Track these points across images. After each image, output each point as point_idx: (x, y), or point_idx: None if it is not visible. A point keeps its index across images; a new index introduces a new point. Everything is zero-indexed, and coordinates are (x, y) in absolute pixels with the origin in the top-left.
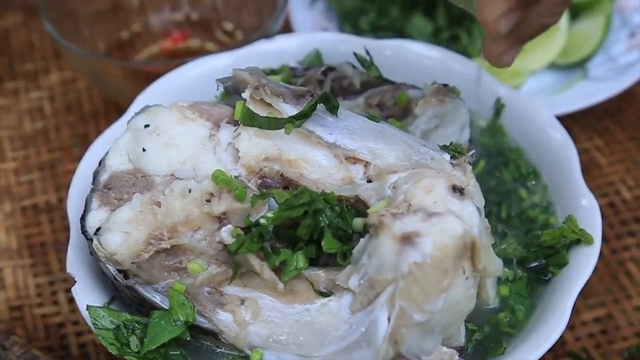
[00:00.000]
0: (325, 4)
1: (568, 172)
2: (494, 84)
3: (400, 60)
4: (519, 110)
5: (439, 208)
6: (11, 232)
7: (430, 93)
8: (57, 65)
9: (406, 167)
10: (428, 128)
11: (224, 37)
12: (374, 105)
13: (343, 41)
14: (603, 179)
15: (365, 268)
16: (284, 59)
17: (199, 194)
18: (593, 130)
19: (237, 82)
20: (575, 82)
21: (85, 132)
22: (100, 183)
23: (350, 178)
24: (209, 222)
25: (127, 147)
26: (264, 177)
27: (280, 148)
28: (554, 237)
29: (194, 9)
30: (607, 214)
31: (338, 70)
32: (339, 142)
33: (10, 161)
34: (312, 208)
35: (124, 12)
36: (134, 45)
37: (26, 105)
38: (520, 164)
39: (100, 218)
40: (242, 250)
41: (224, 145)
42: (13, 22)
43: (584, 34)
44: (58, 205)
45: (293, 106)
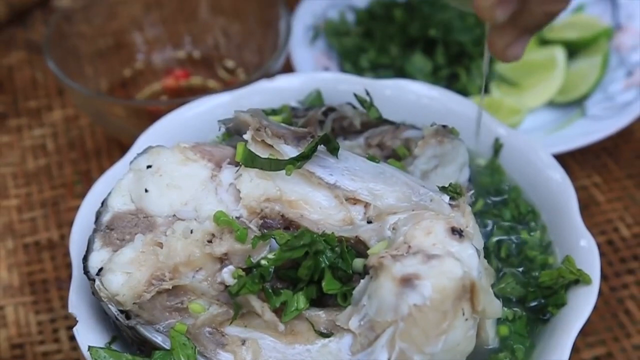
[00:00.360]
0: (325, 42)
1: (567, 213)
2: (493, 123)
3: (400, 100)
4: (517, 150)
5: (438, 250)
6: (13, 269)
7: (429, 134)
8: (60, 102)
9: (406, 208)
10: (427, 168)
11: (226, 74)
12: (374, 145)
13: (343, 81)
14: (602, 216)
15: (366, 309)
16: (285, 98)
17: (201, 235)
18: (591, 168)
19: (239, 124)
20: (574, 120)
21: (87, 169)
22: (102, 223)
23: (350, 219)
24: (211, 262)
25: (129, 187)
26: (265, 218)
27: (281, 189)
28: (552, 277)
29: (197, 47)
30: (606, 252)
31: (338, 110)
32: (339, 183)
33: (13, 198)
34: (313, 249)
35: (126, 50)
36: (136, 83)
37: (29, 142)
38: (519, 203)
39: (103, 258)
40: (244, 291)
41: (225, 185)
42: (17, 59)
43: (582, 72)
44: (60, 242)
45: (294, 147)
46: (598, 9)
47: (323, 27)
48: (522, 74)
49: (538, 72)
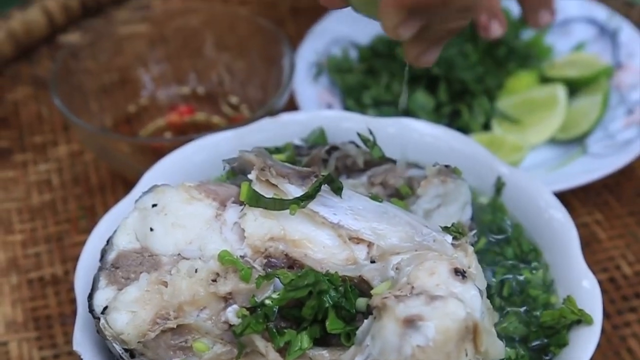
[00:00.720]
0: (328, 79)
1: (569, 252)
2: (495, 161)
3: (403, 138)
4: (519, 189)
5: (442, 291)
6: (17, 305)
7: (432, 174)
8: (66, 137)
9: (409, 249)
10: (430, 207)
11: (230, 110)
12: (377, 183)
13: (347, 119)
14: (603, 253)
15: (369, 349)
16: (288, 135)
17: (205, 274)
18: (593, 205)
19: (244, 163)
20: (575, 157)
21: (92, 205)
22: (108, 262)
23: (353, 258)
24: (215, 302)
25: (134, 226)
26: (269, 257)
27: (285, 228)
28: (554, 317)
29: (201, 83)
30: (607, 289)
31: (342, 149)
32: (342, 223)
33: (18, 233)
34: (317, 289)
35: (131, 86)
36: (141, 119)
37: (34, 177)
38: (522, 242)
39: (108, 297)
40: (248, 331)
41: (230, 224)
42: (23, 95)
43: (583, 110)
44: (64, 277)
45: (298, 187)
46: (598, 48)
47: (326, 64)
48: (524, 111)
49: (539, 110)
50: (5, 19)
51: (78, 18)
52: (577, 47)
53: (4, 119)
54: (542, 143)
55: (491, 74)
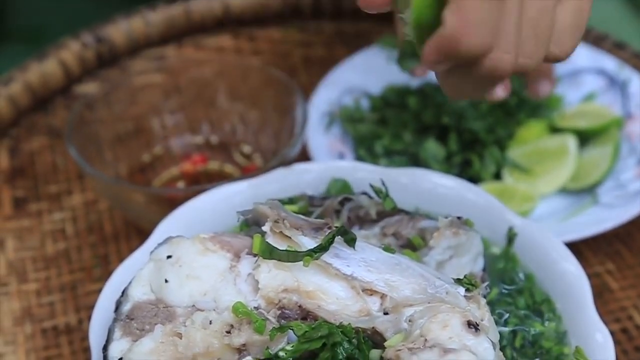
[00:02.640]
0: (340, 129)
1: (581, 305)
2: (507, 212)
3: (415, 188)
4: (531, 240)
5: (455, 344)
6: (31, 354)
7: (444, 226)
8: (80, 187)
9: (422, 301)
10: (443, 259)
11: (242, 159)
12: (390, 234)
13: (360, 169)
14: (615, 303)
15: None
16: (301, 187)
17: (220, 326)
18: (604, 254)
19: (258, 215)
20: (586, 207)
21: (105, 253)
22: (122, 313)
23: (367, 310)
24: (229, 353)
25: (149, 277)
26: (283, 308)
27: (298, 280)
28: None
29: (214, 132)
30: (620, 340)
31: (354, 200)
32: (356, 274)
33: (32, 282)
34: (331, 341)
35: (145, 136)
36: (154, 168)
37: (49, 226)
38: (534, 292)
39: (122, 348)
40: None
41: (244, 276)
42: (38, 145)
43: (593, 160)
44: (78, 326)
45: (311, 239)
46: (608, 98)
47: (338, 114)
48: (535, 161)
49: (550, 160)
50: (23, 70)
51: (93, 69)
52: (587, 98)
53: (20, 169)
54: (552, 193)
55: (501, 124)
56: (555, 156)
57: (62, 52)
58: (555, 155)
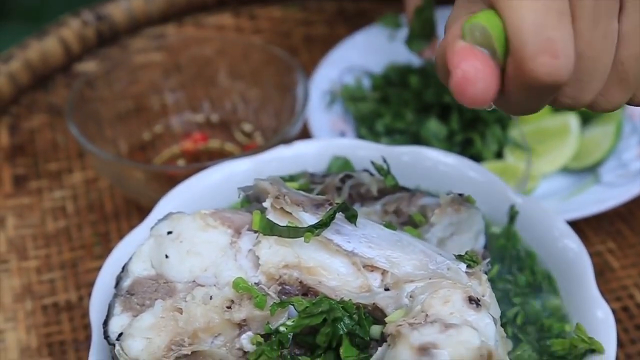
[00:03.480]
0: (342, 107)
1: (583, 282)
2: (508, 190)
3: (416, 166)
4: (533, 218)
5: (456, 319)
6: (31, 330)
7: (446, 202)
8: (81, 164)
9: (423, 277)
10: (444, 236)
11: (243, 138)
12: (391, 211)
13: (361, 147)
14: (616, 282)
15: None
16: (302, 164)
17: (220, 301)
18: (606, 234)
19: (259, 191)
20: (588, 186)
21: (106, 231)
22: (123, 289)
23: (367, 286)
24: (229, 328)
25: (150, 253)
26: (284, 284)
27: (299, 255)
28: (565, 347)
29: (215, 111)
30: (621, 318)
31: (356, 177)
32: (357, 251)
33: (33, 259)
34: (331, 316)
35: (146, 114)
36: (155, 146)
37: (49, 204)
38: (535, 270)
39: (123, 323)
40: (262, 358)
41: (244, 252)
42: (39, 123)
43: (595, 139)
44: (78, 303)
45: (312, 215)
46: None
47: (340, 93)
48: (537, 140)
49: (552, 139)
50: (23, 48)
51: (94, 47)
52: None
53: (20, 147)
54: (554, 172)
55: None
56: (557, 135)
57: (62, 30)
58: (557, 135)
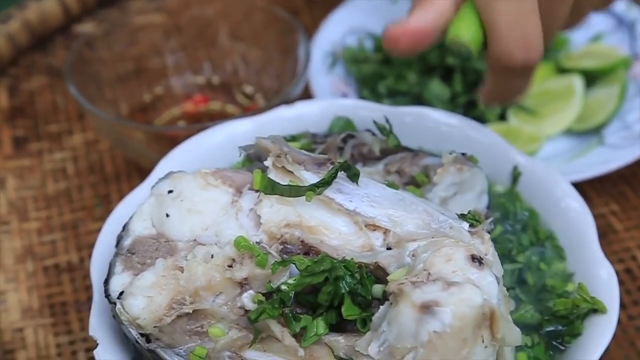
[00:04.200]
0: (343, 69)
1: (586, 241)
2: (511, 151)
3: (419, 127)
4: (536, 178)
5: (458, 277)
6: (33, 291)
7: (448, 162)
8: (81, 126)
9: (425, 236)
10: (446, 195)
11: (244, 100)
12: (393, 172)
13: (363, 107)
14: (619, 244)
15: (385, 335)
16: (304, 124)
17: (221, 260)
18: (609, 196)
19: (260, 150)
20: (591, 148)
21: (107, 193)
22: (123, 247)
23: (369, 245)
24: (231, 287)
25: (151, 212)
26: (285, 243)
27: (301, 215)
28: (566, 306)
29: (216, 72)
30: (624, 280)
31: (358, 137)
32: (359, 210)
33: (34, 221)
34: (333, 275)
35: (146, 76)
36: (156, 108)
37: (50, 165)
38: (538, 230)
39: (124, 282)
40: (263, 317)
41: (245, 211)
42: (38, 84)
43: (600, 101)
44: (79, 265)
45: (314, 174)
46: (616, 39)
47: (342, 54)
48: (540, 102)
49: (556, 101)
50: (21, 8)
51: (93, 8)
52: (595, 38)
53: (19, 108)
54: (558, 134)
55: None
56: (561, 97)
57: None
58: (561, 96)
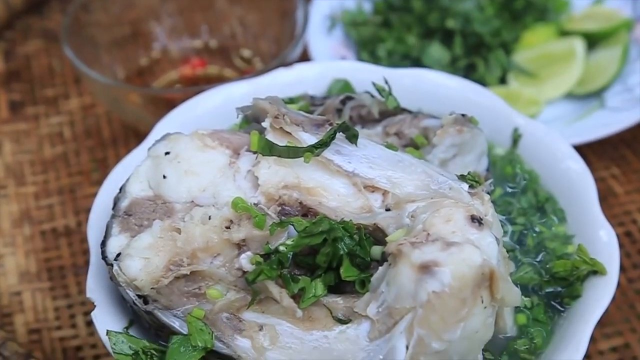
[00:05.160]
0: (342, 32)
1: (586, 203)
2: (512, 113)
3: (418, 89)
4: (536, 140)
5: (458, 238)
6: (30, 255)
7: (448, 123)
8: (77, 90)
9: (424, 197)
10: (446, 157)
11: (242, 63)
12: (392, 133)
13: (362, 69)
14: (620, 207)
15: (384, 296)
16: (302, 87)
17: (219, 221)
18: (610, 159)
19: (257, 111)
20: (592, 111)
21: (104, 157)
22: (120, 209)
23: (368, 206)
24: (228, 248)
25: (147, 174)
26: (283, 205)
27: (299, 176)
28: (566, 268)
29: (213, 36)
30: (623, 243)
31: (356, 99)
32: (357, 171)
33: (31, 185)
34: (331, 236)
35: (143, 39)
36: (153, 72)
37: (46, 130)
38: (538, 192)
39: (121, 244)
40: (261, 277)
41: (243, 172)
42: (34, 48)
43: (601, 64)
44: (77, 229)
45: (312, 135)
46: (618, 1)
47: (340, 17)
48: (541, 65)
49: (557, 63)
50: None
51: None
52: (597, 1)
53: (15, 72)
54: (559, 97)
55: (507, 28)
56: (562, 60)
57: None
58: (562, 59)
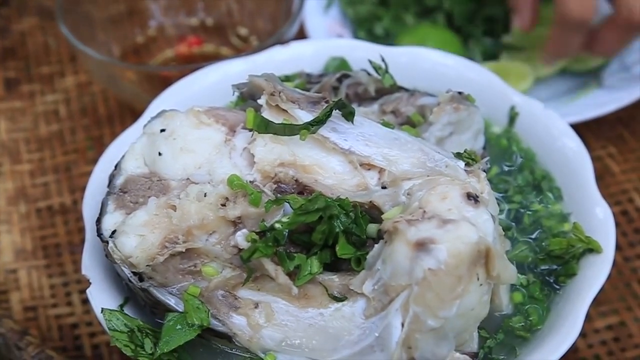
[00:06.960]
0: (339, 10)
1: (582, 181)
2: (509, 90)
3: (415, 67)
4: (533, 118)
5: (454, 215)
6: (26, 233)
7: (445, 101)
8: (73, 68)
9: (421, 174)
10: (442, 135)
11: (239, 42)
12: (389, 111)
13: (358, 47)
14: (616, 187)
15: (380, 274)
16: (299, 65)
17: (215, 198)
18: (606, 138)
19: (253, 88)
20: (589, 90)
21: (100, 135)
22: (116, 186)
23: (364, 184)
24: (224, 226)
25: (143, 151)
26: (279, 182)
27: (295, 154)
28: (562, 246)
29: (209, 14)
30: (620, 222)
31: (353, 77)
32: (353, 149)
33: (26, 163)
34: (327, 213)
35: (139, 17)
36: (149, 50)
37: (42, 108)
38: (534, 170)
39: (116, 221)
40: (257, 255)
41: (239, 150)
42: (29, 25)
43: None
44: (72, 207)
45: (308, 112)
46: None
47: None
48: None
49: None
50: None
51: None
52: None
53: (10, 50)
54: (553, 74)
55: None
56: None
57: None
58: None
